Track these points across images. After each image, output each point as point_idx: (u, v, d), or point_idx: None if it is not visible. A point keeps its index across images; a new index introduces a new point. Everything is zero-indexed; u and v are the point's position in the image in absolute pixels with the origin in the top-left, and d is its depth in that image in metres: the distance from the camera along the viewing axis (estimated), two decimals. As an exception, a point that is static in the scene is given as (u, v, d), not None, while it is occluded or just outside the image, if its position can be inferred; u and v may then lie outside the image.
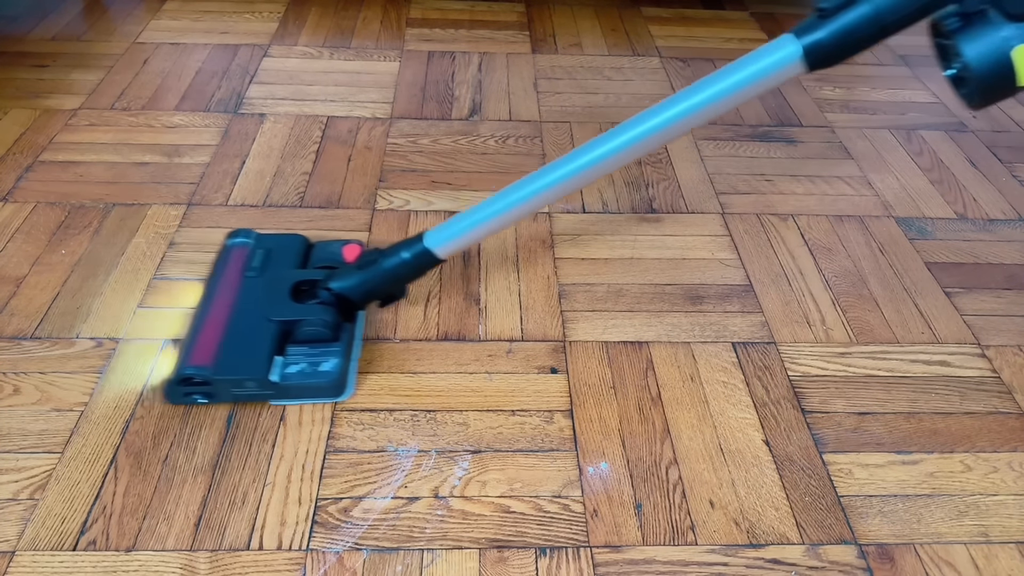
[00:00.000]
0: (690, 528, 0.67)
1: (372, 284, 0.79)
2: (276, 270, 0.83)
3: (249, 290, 0.81)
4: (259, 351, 0.75)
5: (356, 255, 0.83)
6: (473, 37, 1.46)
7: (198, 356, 0.73)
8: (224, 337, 0.75)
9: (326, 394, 0.75)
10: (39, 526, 0.65)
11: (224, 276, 0.83)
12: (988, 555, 0.66)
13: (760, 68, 0.68)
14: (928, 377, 0.82)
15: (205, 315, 0.78)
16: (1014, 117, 1.30)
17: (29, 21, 1.42)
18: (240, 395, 0.74)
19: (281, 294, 0.80)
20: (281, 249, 0.86)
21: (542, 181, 0.74)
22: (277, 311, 0.78)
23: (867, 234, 1.02)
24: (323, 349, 0.76)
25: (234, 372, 0.73)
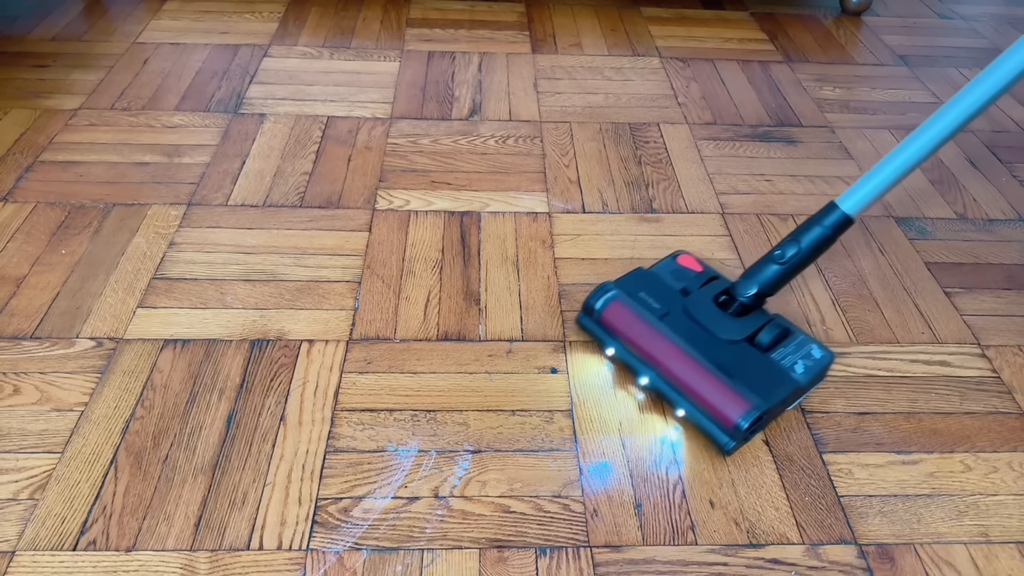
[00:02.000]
0: (690, 528, 0.67)
1: (794, 271, 0.78)
2: (675, 302, 0.81)
3: (680, 330, 0.78)
4: (774, 368, 0.74)
5: (696, 263, 0.85)
6: (473, 37, 1.46)
7: (738, 405, 0.71)
8: (724, 377, 0.73)
9: (823, 377, 0.80)
10: (39, 526, 0.65)
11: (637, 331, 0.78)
12: (988, 555, 0.66)
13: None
14: (928, 377, 0.82)
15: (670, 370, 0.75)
16: (1014, 117, 1.30)
17: (29, 21, 1.42)
18: (779, 412, 0.76)
19: (717, 317, 0.78)
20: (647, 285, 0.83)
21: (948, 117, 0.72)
22: (731, 332, 0.77)
23: (867, 234, 1.02)
24: (795, 341, 0.77)
25: (779, 394, 0.72)
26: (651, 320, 0.78)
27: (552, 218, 1.02)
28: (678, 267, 0.85)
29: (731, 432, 0.71)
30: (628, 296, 0.81)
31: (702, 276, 0.84)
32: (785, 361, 0.75)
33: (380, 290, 0.89)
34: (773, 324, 0.77)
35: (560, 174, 1.10)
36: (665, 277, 0.84)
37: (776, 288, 0.78)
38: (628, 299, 0.81)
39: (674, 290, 0.82)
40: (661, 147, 1.17)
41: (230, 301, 0.87)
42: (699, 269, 0.85)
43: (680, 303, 0.80)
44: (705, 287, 0.82)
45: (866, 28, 1.58)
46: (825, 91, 1.34)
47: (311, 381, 0.78)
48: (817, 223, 0.77)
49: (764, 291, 0.78)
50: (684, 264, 0.85)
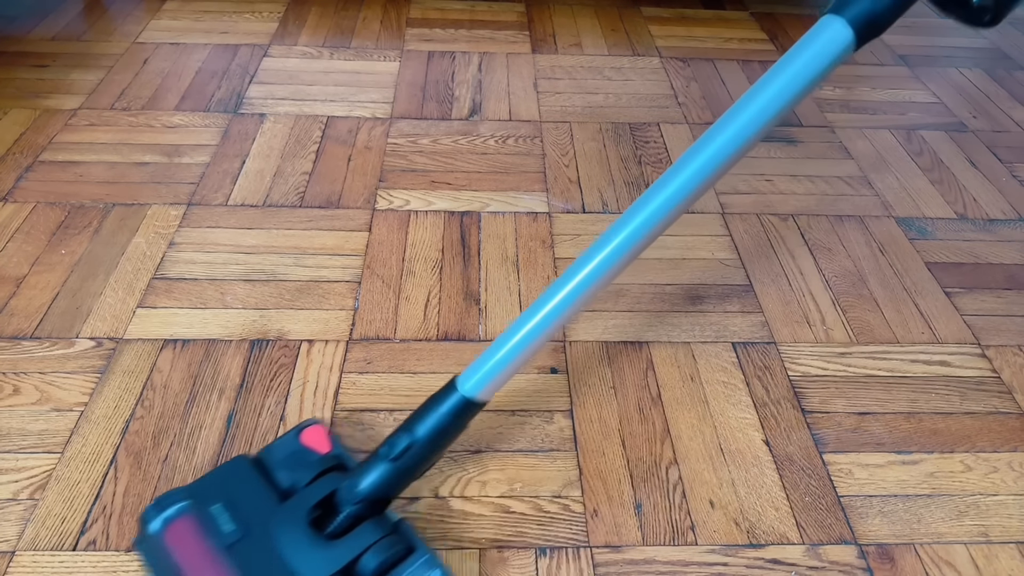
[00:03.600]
0: (690, 528, 0.67)
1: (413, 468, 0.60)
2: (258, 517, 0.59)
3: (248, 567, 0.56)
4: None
5: (324, 439, 0.64)
6: (473, 37, 1.46)
7: None
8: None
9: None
10: (39, 526, 0.65)
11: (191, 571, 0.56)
12: (988, 555, 0.66)
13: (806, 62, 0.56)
14: (928, 377, 0.82)
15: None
16: (1014, 117, 1.30)
17: (29, 21, 1.42)
18: None
19: (304, 541, 0.57)
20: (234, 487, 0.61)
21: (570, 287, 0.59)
22: (320, 566, 0.56)
23: (867, 234, 1.02)
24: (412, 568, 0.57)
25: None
26: (214, 551, 0.56)
27: (552, 218, 1.02)
28: (298, 447, 0.63)
29: None
30: (200, 509, 0.59)
31: (320, 464, 0.62)
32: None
33: (380, 290, 0.89)
34: (383, 544, 0.57)
35: (560, 174, 1.10)
36: (273, 467, 0.63)
37: (394, 488, 0.60)
38: (198, 515, 0.58)
39: (270, 494, 0.60)
40: (661, 147, 1.17)
41: (230, 301, 0.86)
42: (323, 451, 0.63)
43: (267, 518, 0.58)
44: (308, 488, 0.60)
45: (866, 28, 1.58)
46: (825, 91, 1.34)
47: (311, 381, 0.78)
48: (432, 409, 0.61)
49: (376, 495, 0.59)
50: (307, 443, 0.64)
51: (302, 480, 0.61)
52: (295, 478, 0.62)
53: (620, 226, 0.58)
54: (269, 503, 0.60)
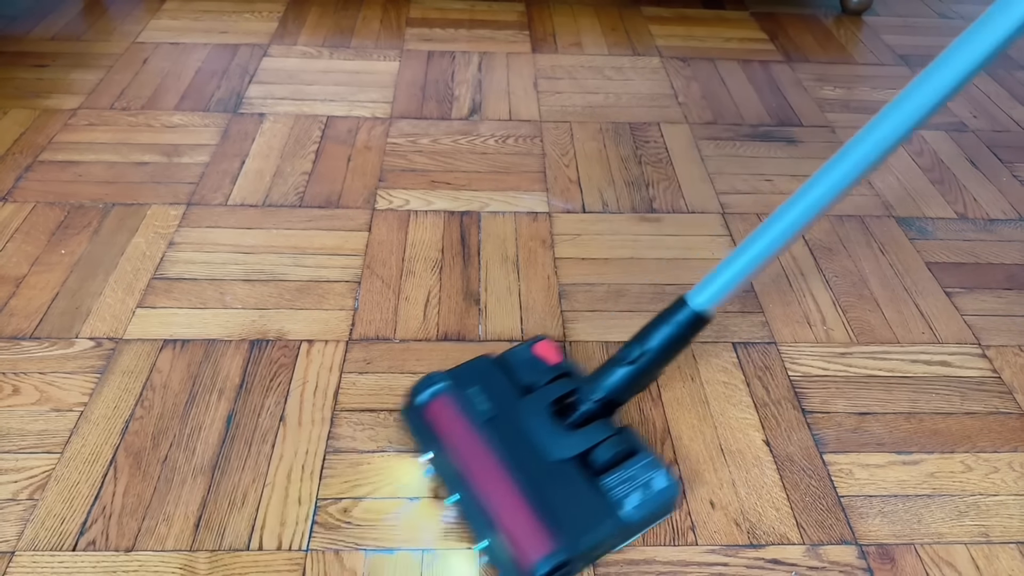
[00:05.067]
0: (690, 528, 0.67)
1: (644, 374, 0.68)
2: (508, 404, 0.69)
3: (503, 439, 0.66)
4: (593, 502, 0.62)
5: (555, 352, 0.74)
6: (473, 37, 1.46)
7: (537, 544, 0.59)
8: (535, 506, 0.62)
9: (669, 511, 0.67)
10: (39, 526, 0.64)
11: (457, 435, 0.67)
12: (988, 555, 0.66)
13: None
14: (928, 377, 0.82)
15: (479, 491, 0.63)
16: (1014, 117, 1.30)
17: (29, 21, 1.42)
18: (598, 555, 0.64)
19: (548, 427, 0.67)
20: (485, 379, 0.71)
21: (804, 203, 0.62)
22: (560, 448, 0.65)
23: (867, 234, 1.02)
24: (637, 465, 0.64)
25: (592, 538, 0.61)
26: (472, 424, 0.67)
27: (552, 218, 1.02)
28: (531, 356, 0.73)
29: None
30: (458, 391, 0.70)
31: (553, 371, 0.72)
32: (617, 491, 0.63)
33: (380, 290, 0.89)
34: (614, 441, 0.66)
35: (560, 174, 1.10)
36: (513, 368, 0.72)
37: (626, 393, 0.68)
38: (457, 395, 0.69)
39: (514, 387, 0.71)
40: (661, 147, 1.17)
41: (229, 301, 0.86)
42: (554, 361, 0.73)
43: (514, 405, 0.69)
44: (549, 386, 0.70)
45: (866, 28, 1.58)
46: (825, 91, 1.34)
47: (311, 381, 0.78)
48: (665, 321, 0.67)
49: (611, 397, 0.67)
50: (539, 353, 0.73)
51: (539, 382, 0.71)
52: (532, 379, 0.71)
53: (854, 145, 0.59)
54: (513, 395, 0.70)
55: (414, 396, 0.70)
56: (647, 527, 0.66)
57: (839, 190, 0.61)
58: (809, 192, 0.62)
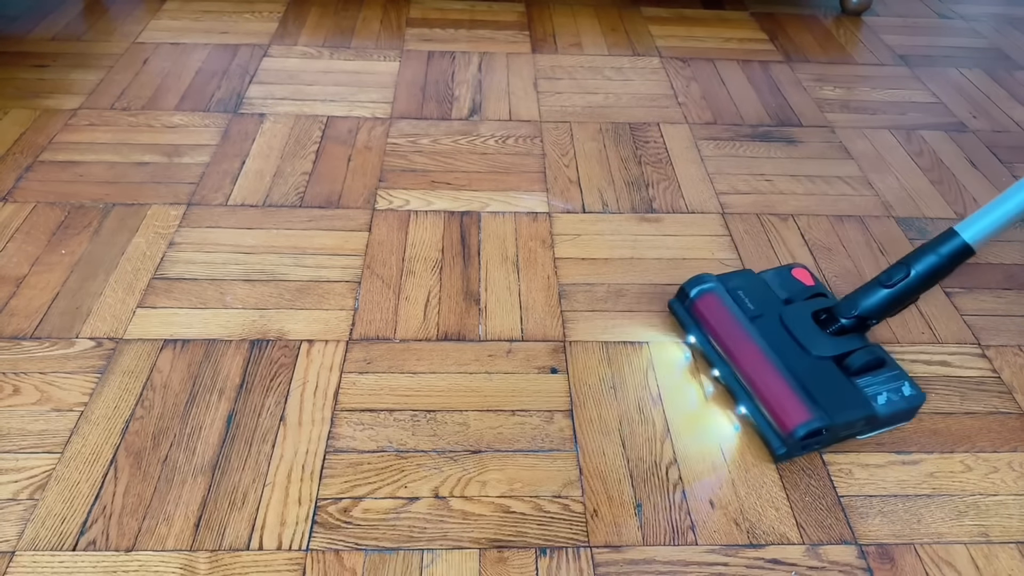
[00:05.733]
0: (690, 528, 0.67)
1: (904, 297, 0.75)
2: (772, 307, 0.80)
3: (768, 333, 0.77)
4: (853, 390, 0.72)
5: (810, 277, 0.84)
6: (473, 37, 1.46)
7: (798, 413, 0.69)
8: (796, 386, 0.71)
9: (908, 417, 0.75)
10: (39, 526, 0.65)
11: (723, 326, 0.78)
12: (988, 555, 0.66)
13: None
14: (928, 377, 0.82)
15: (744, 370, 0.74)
16: (1014, 117, 1.30)
17: (29, 21, 1.42)
18: (844, 436, 0.73)
19: (810, 329, 0.76)
20: (750, 287, 0.82)
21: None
22: (821, 347, 0.75)
23: (867, 234, 1.02)
24: (887, 374, 0.74)
25: (849, 415, 0.71)
26: (740, 318, 0.78)
27: (552, 218, 1.02)
28: (789, 277, 0.84)
29: (785, 438, 0.70)
30: (725, 291, 0.81)
31: (809, 291, 0.82)
32: (869, 389, 0.73)
33: (380, 290, 0.89)
34: (867, 350, 0.75)
35: (560, 174, 1.10)
36: (772, 283, 0.83)
37: (882, 313, 0.76)
38: (723, 294, 0.81)
39: (776, 297, 0.81)
40: (661, 147, 1.17)
41: (230, 301, 0.86)
42: (810, 283, 0.83)
43: (777, 310, 0.79)
44: (809, 301, 0.80)
45: (866, 28, 1.58)
46: (825, 91, 1.34)
47: (311, 381, 0.78)
48: (932, 250, 0.73)
49: (866, 314, 0.75)
50: (797, 276, 0.84)
51: (798, 296, 0.81)
52: (791, 294, 0.82)
53: None
54: (777, 302, 0.80)
55: (688, 289, 0.82)
56: (890, 425, 0.74)
57: None
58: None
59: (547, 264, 0.94)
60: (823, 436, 0.70)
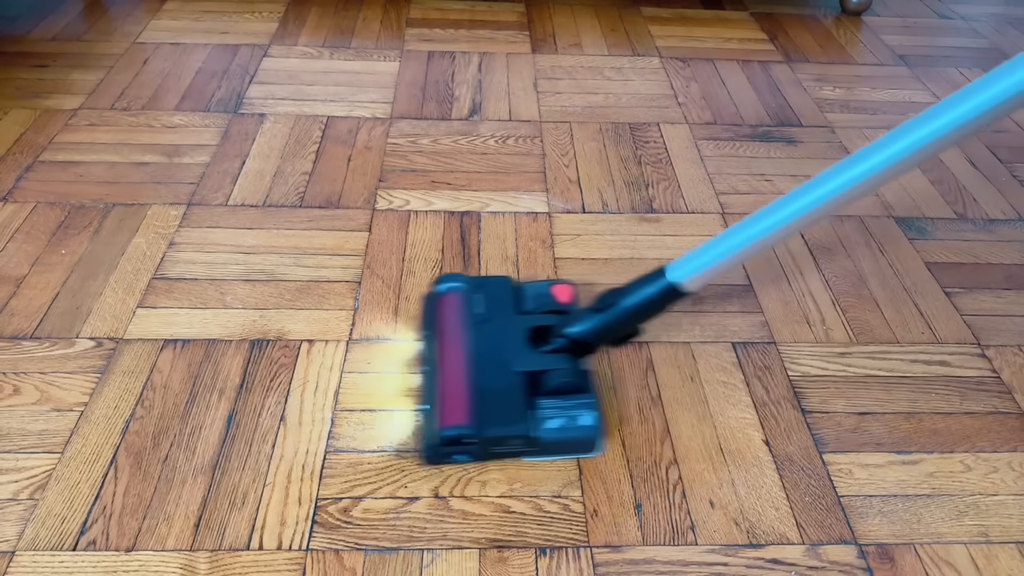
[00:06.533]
0: (690, 528, 0.67)
1: (611, 327, 0.74)
2: (501, 316, 0.78)
3: (482, 339, 0.75)
4: (518, 406, 0.70)
5: (568, 295, 0.81)
6: (473, 37, 1.46)
7: (456, 415, 0.69)
8: (475, 392, 0.70)
9: (583, 450, 0.72)
10: (39, 526, 0.65)
11: (450, 324, 0.77)
12: (988, 555, 0.66)
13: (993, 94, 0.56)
14: (928, 377, 0.82)
15: (445, 367, 0.73)
16: (1014, 117, 1.30)
17: (29, 21, 1.42)
18: (501, 452, 0.70)
19: (519, 342, 0.75)
20: (495, 293, 0.81)
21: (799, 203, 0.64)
22: (520, 361, 0.73)
23: (867, 234, 1.02)
24: (576, 401, 0.71)
25: (500, 430, 0.69)
26: (463, 322, 0.77)
27: (552, 218, 1.02)
28: (546, 292, 0.81)
29: (431, 438, 0.69)
30: (468, 293, 0.80)
31: (556, 307, 0.79)
32: (547, 411, 0.70)
33: (380, 290, 0.89)
34: (566, 372, 0.72)
35: (560, 174, 1.10)
36: (525, 294, 0.81)
37: (594, 339, 0.74)
38: (463, 296, 0.80)
39: (515, 307, 0.79)
40: (661, 147, 1.17)
41: (230, 301, 0.87)
42: (563, 301, 0.80)
43: (505, 318, 0.78)
44: (542, 315, 0.78)
45: (866, 28, 1.58)
46: (825, 91, 1.34)
47: (311, 381, 0.78)
48: (641, 285, 0.72)
49: (578, 336, 0.73)
50: (554, 292, 0.81)
51: (537, 310, 0.79)
52: (533, 307, 0.80)
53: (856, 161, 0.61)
54: (510, 312, 0.79)
55: (437, 285, 0.82)
56: (560, 453, 0.71)
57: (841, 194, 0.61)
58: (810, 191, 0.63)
59: (547, 264, 0.94)
60: (472, 447, 0.69)
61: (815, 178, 0.63)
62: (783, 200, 0.64)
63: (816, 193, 0.63)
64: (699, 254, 0.69)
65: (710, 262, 0.69)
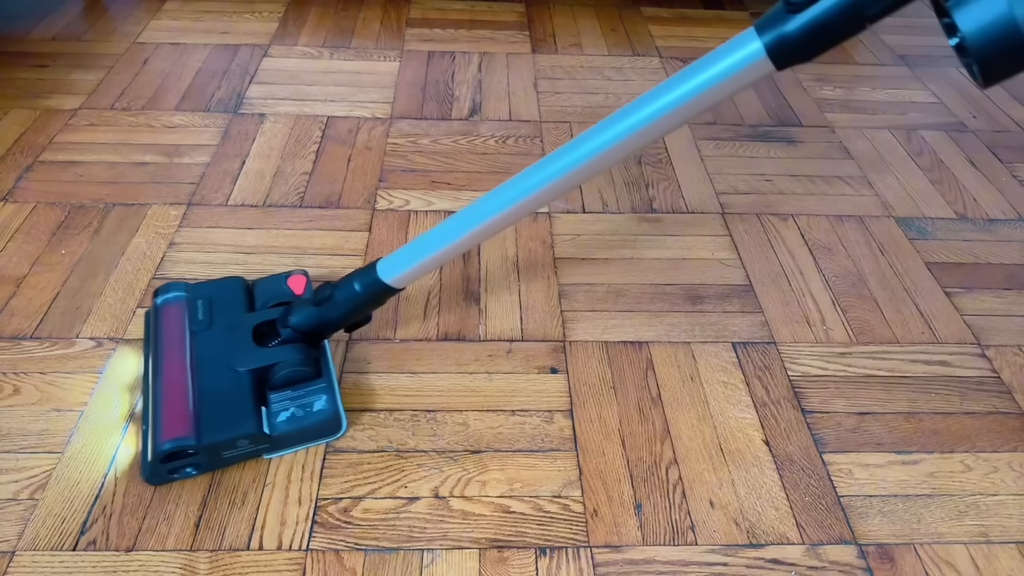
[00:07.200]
0: (690, 528, 0.67)
1: (331, 319, 0.74)
2: (225, 318, 0.76)
3: (204, 345, 0.73)
4: (241, 405, 0.68)
5: (303, 285, 0.80)
6: (473, 37, 1.46)
7: (173, 428, 0.66)
8: (195, 401, 0.68)
9: (325, 434, 0.71)
10: (39, 526, 0.65)
11: (167, 336, 0.74)
12: (988, 555, 0.66)
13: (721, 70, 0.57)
14: (928, 377, 0.82)
15: (162, 382, 0.70)
16: (1014, 117, 1.30)
17: (29, 21, 1.42)
18: (234, 457, 0.68)
19: (242, 341, 0.73)
20: (221, 295, 0.78)
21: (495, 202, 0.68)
22: (244, 360, 0.71)
23: (867, 234, 1.02)
24: (308, 388, 0.71)
25: (222, 434, 0.66)
26: (183, 331, 0.74)
27: (552, 218, 1.02)
28: (281, 285, 0.80)
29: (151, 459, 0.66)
30: (190, 301, 0.77)
31: (288, 298, 0.78)
32: (278, 405, 0.69)
33: (380, 290, 0.89)
34: (292, 363, 0.71)
35: (560, 174, 1.10)
36: (259, 291, 0.80)
37: (317, 329, 0.74)
38: (184, 304, 0.77)
39: (243, 308, 0.78)
40: (661, 147, 1.17)
41: (230, 301, 0.86)
42: (298, 292, 0.79)
43: (229, 320, 0.76)
44: (269, 310, 0.77)
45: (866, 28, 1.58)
46: (825, 91, 1.34)
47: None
48: (354, 279, 0.73)
49: (298, 327, 0.73)
50: (291, 284, 0.80)
51: (269, 304, 0.78)
52: (263, 303, 0.78)
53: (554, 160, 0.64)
54: (237, 312, 0.77)
55: (155, 297, 0.79)
56: (301, 442, 0.71)
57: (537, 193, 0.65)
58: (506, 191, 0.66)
59: (547, 264, 0.94)
60: (198, 456, 0.66)
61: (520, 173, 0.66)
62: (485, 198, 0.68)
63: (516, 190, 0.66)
64: (405, 251, 0.72)
65: (417, 260, 0.71)
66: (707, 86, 0.58)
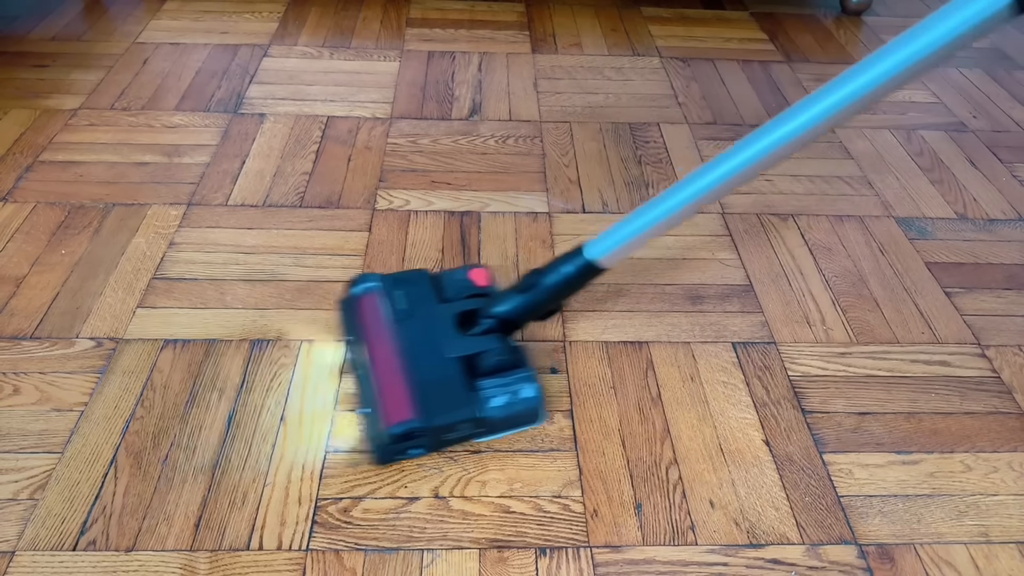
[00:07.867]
0: (690, 528, 0.67)
1: (536, 304, 0.76)
2: (426, 307, 0.79)
3: (409, 333, 0.76)
4: (460, 391, 0.71)
5: (486, 278, 0.82)
6: (473, 37, 1.46)
7: (400, 411, 0.69)
8: (413, 386, 0.71)
9: (528, 421, 0.74)
10: (39, 526, 0.65)
11: (372, 325, 0.77)
12: (988, 555, 0.66)
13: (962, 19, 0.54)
14: (928, 377, 0.82)
15: (375, 369, 0.73)
16: (1014, 117, 1.30)
17: (29, 21, 1.42)
18: (451, 439, 0.72)
19: (448, 330, 0.76)
20: (414, 286, 0.81)
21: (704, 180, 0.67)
22: (453, 348, 0.74)
23: (867, 234, 1.02)
24: (514, 376, 0.73)
25: (447, 416, 0.69)
26: (387, 319, 0.77)
27: (552, 218, 1.02)
28: (463, 278, 0.82)
29: (379, 438, 0.69)
30: (385, 291, 0.80)
31: (475, 291, 0.81)
32: (489, 391, 0.71)
33: (380, 290, 0.89)
34: (501, 351, 0.74)
35: (560, 174, 1.10)
36: (444, 283, 0.82)
37: (519, 316, 0.76)
38: (383, 294, 0.80)
39: (436, 297, 0.80)
40: (661, 147, 1.17)
41: (230, 301, 0.87)
42: (481, 284, 0.81)
43: (429, 309, 0.78)
44: (464, 301, 0.79)
45: (866, 28, 1.58)
46: (825, 91, 1.34)
47: (311, 381, 0.78)
48: (561, 264, 0.75)
49: (504, 316, 0.75)
50: (472, 277, 0.82)
51: (458, 296, 0.80)
52: (453, 294, 0.80)
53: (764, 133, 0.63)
54: (432, 302, 0.79)
55: (352, 289, 0.81)
56: (508, 428, 0.73)
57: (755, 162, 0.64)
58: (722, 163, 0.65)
59: (547, 264, 0.94)
60: (423, 439, 0.69)
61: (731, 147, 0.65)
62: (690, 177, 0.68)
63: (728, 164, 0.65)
64: (613, 232, 0.73)
65: (624, 239, 0.72)
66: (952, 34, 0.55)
